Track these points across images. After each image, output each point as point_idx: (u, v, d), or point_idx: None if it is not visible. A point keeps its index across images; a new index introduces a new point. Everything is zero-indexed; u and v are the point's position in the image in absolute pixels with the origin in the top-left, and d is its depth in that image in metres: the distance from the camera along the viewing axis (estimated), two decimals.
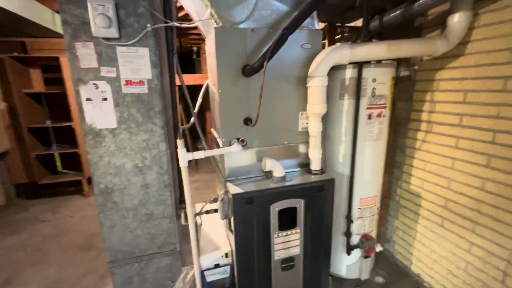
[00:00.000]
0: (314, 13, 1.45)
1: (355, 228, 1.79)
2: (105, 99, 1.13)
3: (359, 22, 2.04)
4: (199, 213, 1.53)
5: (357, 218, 1.77)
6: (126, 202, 1.27)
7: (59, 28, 3.15)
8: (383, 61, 1.57)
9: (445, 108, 1.60)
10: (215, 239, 1.69)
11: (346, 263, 1.88)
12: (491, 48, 1.33)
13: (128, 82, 1.14)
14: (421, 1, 1.38)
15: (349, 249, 1.79)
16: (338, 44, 1.40)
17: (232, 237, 1.50)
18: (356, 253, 1.84)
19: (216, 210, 1.55)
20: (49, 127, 3.53)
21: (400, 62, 1.82)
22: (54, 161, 3.83)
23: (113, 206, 1.26)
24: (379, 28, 1.65)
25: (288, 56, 1.42)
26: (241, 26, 1.34)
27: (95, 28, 1.04)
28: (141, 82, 1.15)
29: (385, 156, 1.79)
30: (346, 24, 1.82)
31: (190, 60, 5.65)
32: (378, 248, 1.84)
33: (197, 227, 1.61)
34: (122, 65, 1.12)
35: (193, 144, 4.87)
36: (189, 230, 1.41)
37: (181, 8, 2.60)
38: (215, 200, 1.49)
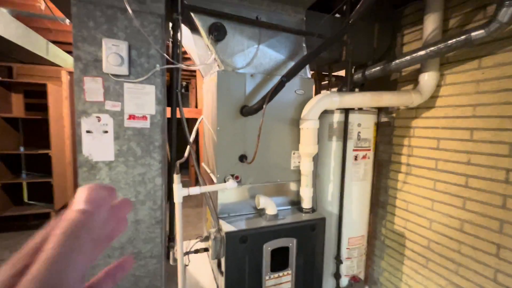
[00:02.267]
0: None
1: (344, 269, 1.77)
2: (106, 131, 1.13)
3: (343, 72, 2.28)
4: (188, 252, 1.46)
5: (346, 258, 1.77)
6: (114, 240, 1.19)
7: (51, 57, 3.17)
8: (366, 108, 1.74)
9: (421, 153, 1.76)
10: (201, 281, 1.59)
11: None
12: (458, 103, 1.54)
13: (132, 117, 1.16)
14: (397, 61, 1.60)
15: None
16: (328, 92, 1.55)
17: (221, 279, 1.42)
18: None
19: (206, 249, 1.49)
20: (21, 154, 3.32)
21: (380, 109, 2.02)
22: (22, 190, 3.52)
23: None
24: (362, 79, 1.86)
25: (283, 100, 1.53)
26: (241, 71, 1.45)
27: (106, 65, 1.09)
28: (144, 117, 1.18)
29: (370, 196, 1.88)
30: (333, 73, 2.03)
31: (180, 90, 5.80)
32: None
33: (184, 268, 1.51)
34: (127, 100, 1.15)
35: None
36: (175, 271, 1.33)
37: None
38: (205, 239, 1.44)
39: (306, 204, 1.58)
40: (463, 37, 1.29)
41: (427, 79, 1.60)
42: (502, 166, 1.33)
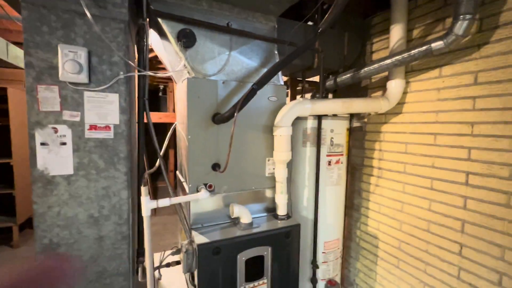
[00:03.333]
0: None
1: (321, 273, 1.79)
2: (64, 143, 1.06)
3: (316, 78, 2.32)
4: (159, 267, 1.39)
5: (322, 262, 1.79)
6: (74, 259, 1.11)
7: (11, 59, 2.95)
8: (339, 114, 1.78)
9: (391, 157, 1.82)
10: None
11: None
12: (422, 110, 1.61)
13: (93, 127, 1.09)
14: (366, 69, 1.66)
15: None
16: (301, 99, 1.56)
17: None
18: None
19: (178, 262, 1.44)
20: None
21: (352, 115, 2.08)
22: None
23: None
24: (334, 86, 1.91)
25: (256, 107, 1.53)
26: (213, 78, 1.43)
27: (63, 73, 1.02)
28: (107, 127, 1.12)
29: (345, 200, 1.92)
30: (306, 79, 2.06)
31: (156, 97, 5.62)
32: None
33: (155, 282, 1.45)
34: (88, 110, 1.08)
35: (151, 184, 4.58)
36: (144, 287, 1.27)
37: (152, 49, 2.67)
38: (177, 252, 1.39)
39: (281, 210, 1.58)
40: (424, 47, 1.36)
41: (394, 86, 1.67)
42: (462, 169, 1.41)
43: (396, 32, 1.61)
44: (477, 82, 1.34)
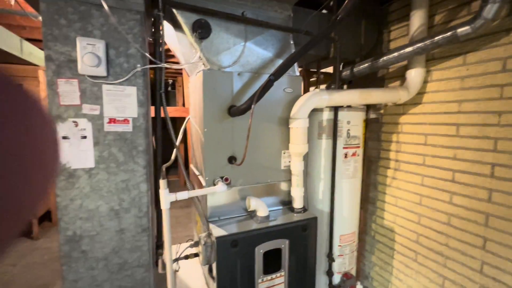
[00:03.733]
0: None
1: (336, 266, 1.78)
2: (84, 137, 1.06)
3: (331, 69, 2.26)
4: (178, 259, 1.41)
5: (338, 256, 1.78)
6: (97, 250, 1.13)
7: (25, 56, 2.99)
8: (355, 105, 1.73)
9: (409, 149, 1.77)
10: (192, 287, 1.55)
11: None
12: (444, 99, 1.55)
13: (112, 120, 1.09)
14: (385, 58, 1.60)
15: None
16: (317, 90, 1.53)
17: (212, 284, 1.38)
18: None
19: (196, 255, 1.45)
20: None
21: (368, 106, 2.02)
22: None
23: (81, 256, 1.11)
24: (350, 76, 1.85)
25: (272, 99, 1.50)
26: (228, 69, 1.40)
27: (82, 66, 1.01)
28: (125, 121, 1.12)
29: (360, 193, 1.89)
30: (321, 70, 2.01)
31: (165, 92, 5.65)
32: (359, 286, 1.83)
33: (174, 273, 1.47)
34: (107, 103, 1.08)
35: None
36: (163, 278, 1.28)
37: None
38: (196, 244, 1.40)
39: (298, 204, 1.57)
40: (449, 33, 1.29)
41: (414, 75, 1.61)
42: (487, 160, 1.36)
43: (417, 18, 1.54)
44: (506, 69, 1.28)
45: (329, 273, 1.75)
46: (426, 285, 1.69)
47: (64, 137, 1.04)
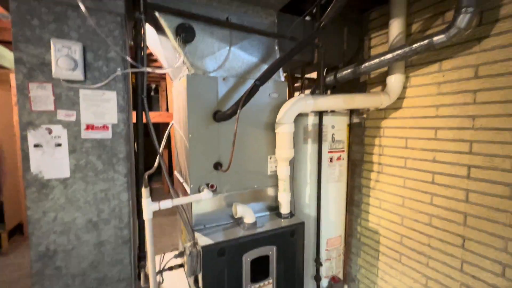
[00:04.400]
0: None
1: (324, 271, 1.78)
2: (59, 145, 1.00)
3: (315, 74, 2.30)
4: (162, 270, 1.35)
5: (325, 260, 1.78)
6: (73, 266, 1.06)
7: None
8: (339, 110, 1.76)
9: (391, 152, 1.82)
10: None
11: None
12: (422, 104, 1.62)
13: (90, 127, 1.04)
14: (366, 64, 1.65)
15: None
16: (302, 95, 1.54)
17: None
18: None
19: (181, 265, 1.40)
20: None
21: (352, 111, 2.07)
22: None
23: (55, 272, 1.03)
24: (333, 82, 1.89)
25: (257, 104, 1.49)
26: (213, 74, 1.38)
27: (56, 70, 0.95)
28: (105, 127, 1.06)
29: (346, 196, 1.91)
30: (305, 76, 2.04)
31: (148, 97, 5.51)
32: None
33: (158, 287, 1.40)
34: (84, 109, 1.02)
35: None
36: None
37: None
38: (180, 254, 1.34)
39: (285, 209, 1.56)
40: (426, 41, 1.35)
41: (394, 81, 1.67)
42: (463, 162, 1.42)
43: (396, 27, 1.60)
44: (478, 76, 1.35)
45: (317, 278, 1.74)
46: (411, 285, 1.72)
47: (36, 145, 0.97)
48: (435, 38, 1.32)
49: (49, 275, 1.02)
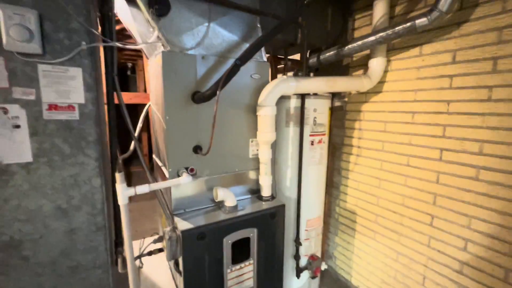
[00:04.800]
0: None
1: (303, 250, 1.84)
2: (17, 126, 0.90)
3: (298, 56, 2.25)
4: (140, 255, 1.32)
5: (304, 239, 1.84)
6: (42, 255, 1.00)
7: None
8: (321, 93, 1.75)
9: (370, 136, 1.86)
10: (158, 283, 1.48)
11: (296, 286, 1.90)
12: (401, 88, 1.64)
13: (53, 107, 0.94)
14: (349, 46, 1.62)
15: (299, 272, 1.83)
16: (284, 76, 1.50)
17: (179, 279, 1.34)
18: (305, 275, 1.89)
19: (160, 250, 1.38)
20: None
21: (334, 94, 2.07)
22: None
23: (21, 262, 0.97)
24: (316, 64, 1.86)
25: (238, 85, 1.44)
26: (191, 52, 1.30)
27: (8, 41, 0.84)
28: (70, 107, 0.97)
29: (325, 178, 1.95)
30: (288, 57, 1.99)
31: (124, 77, 5.18)
32: (323, 266, 1.93)
33: (137, 271, 1.38)
34: (45, 86, 0.92)
35: (125, 168, 4.34)
36: (126, 277, 1.20)
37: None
38: (159, 239, 1.32)
39: (266, 192, 1.56)
40: (408, 24, 1.34)
41: (376, 64, 1.67)
42: (436, 146, 1.48)
43: (380, 8, 1.57)
44: (455, 61, 1.38)
45: (296, 257, 1.80)
46: (383, 260, 1.84)
47: None
48: (417, 21, 1.31)
49: (15, 264, 0.96)
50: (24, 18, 0.85)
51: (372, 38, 1.50)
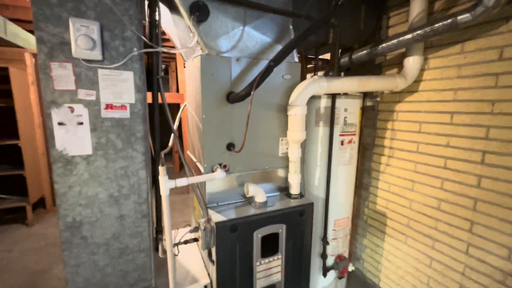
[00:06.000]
0: None
1: (330, 249, 1.85)
2: (81, 123, 1.04)
3: (328, 55, 2.24)
4: (178, 244, 1.43)
5: (332, 239, 1.84)
6: (97, 236, 1.14)
7: (11, 37, 2.84)
8: (352, 93, 1.73)
9: (404, 136, 1.81)
10: (192, 271, 1.59)
11: (322, 285, 1.91)
12: (439, 88, 1.57)
13: (109, 106, 1.07)
14: (384, 45, 1.59)
15: (325, 270, 1.84)
16: (315, 77, 1.52)
17: (212, 268, 1.43)
18: (331, 274, 1.89)
19: (195, 240, 1.48)
20: None
21: (365, 94, 2.03)
22: None
23: (81, 242, 1.12)
24: (348, 63, 1.84)
25: (270, 86, 1.49)
26: (226, 54, 1.38)
27: (76, 49, 0.97)
28: (123, 107, 1.09)
29: (355, 179, 1.93)
30: (319, 56, 1.99)
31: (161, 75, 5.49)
32: (351, 267, 1.91)
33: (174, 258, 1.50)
34: (103, 88, 1.05)
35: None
36: (164, 262, 1.31)
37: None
38: (195, 229, 1.42)
39: (294, 190, 1.60)
40: (449, 20, 1.28)
41: (412, 63, 1.61)
42: (478, 148, 1.40)
43: (417, 4, 1.52)
44: (502, 58, 1.29)
45: (323, 256, 1.81)
46: (415, 265, 1.78)
47: (60, 123, 1.01)
48: (459, 17, 1.25)
49: (76, 243, 1.11)
50: (89, 29, 0.97)
51: (408, 36, 1.46)
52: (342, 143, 1.73)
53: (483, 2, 1.16)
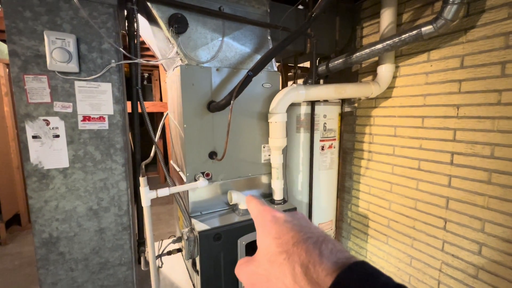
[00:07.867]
0: None
1: None
2: (57, 136, 1.02)
3: (308, 64, 2.32)
4: (161, 255, 1.41)
5: None
6: (76, 251, 1.11)
7: None
8: (331, 100, 1.80)
9: (381, 140, 1.89)
10: (176, 282, 1.56)
11: None
12: (410, 93, 1.67)
13: (86, 118, 1.06)
14: (357, 54, 1.68)
15: None
16: (294, 85, 1.57)
17: (196, 278, 1.41)
18: None
19: (179, 250, 1.46)
20: None
21: (343, 100, 2.12)
22: None
23: (58, 258, 1.08)
24: (326, 71, 1.92)
25: (251, 94, 1.52)
26: (206, 65, 1.40)
27: (51, 62, 0.97)
28: (101, 118, 1.09)
29: (337, 183, 1.99)
30: (298, 65, 2.06)
31: (141, 87, 5.42)
32: None
33: (158, 270, 1.47)
34: (80, 100, 1.04)
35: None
36: (146, 275, 1.29)
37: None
38: (178, 239, 1.41)
39: (278, 196, 1.62)
40: (414, 32, 1.38)
41: (384, 70, 1.71)
42: (447, 149, 1.49)
43: (387, 16, 1.62)
44: (463, 66, 1.40)
45: None
46: (396, 265, 1.84)
47: (35, 137, 0.99)
48: (423, 29, 1.35)
49: (53, 260, 1.07)
50: (64, 42, 0.97)
51: (379, 46, 1.55)
52: (322, 148, 1.79)
53: (443, 15, 1.27)
